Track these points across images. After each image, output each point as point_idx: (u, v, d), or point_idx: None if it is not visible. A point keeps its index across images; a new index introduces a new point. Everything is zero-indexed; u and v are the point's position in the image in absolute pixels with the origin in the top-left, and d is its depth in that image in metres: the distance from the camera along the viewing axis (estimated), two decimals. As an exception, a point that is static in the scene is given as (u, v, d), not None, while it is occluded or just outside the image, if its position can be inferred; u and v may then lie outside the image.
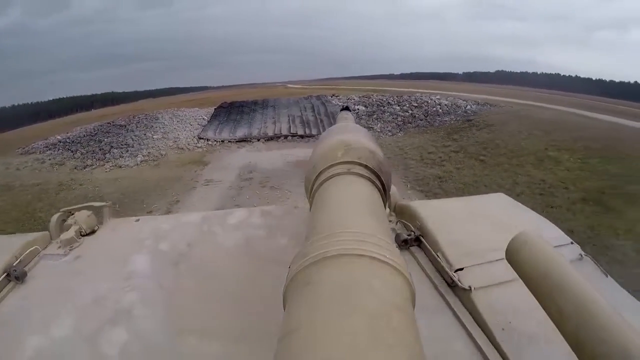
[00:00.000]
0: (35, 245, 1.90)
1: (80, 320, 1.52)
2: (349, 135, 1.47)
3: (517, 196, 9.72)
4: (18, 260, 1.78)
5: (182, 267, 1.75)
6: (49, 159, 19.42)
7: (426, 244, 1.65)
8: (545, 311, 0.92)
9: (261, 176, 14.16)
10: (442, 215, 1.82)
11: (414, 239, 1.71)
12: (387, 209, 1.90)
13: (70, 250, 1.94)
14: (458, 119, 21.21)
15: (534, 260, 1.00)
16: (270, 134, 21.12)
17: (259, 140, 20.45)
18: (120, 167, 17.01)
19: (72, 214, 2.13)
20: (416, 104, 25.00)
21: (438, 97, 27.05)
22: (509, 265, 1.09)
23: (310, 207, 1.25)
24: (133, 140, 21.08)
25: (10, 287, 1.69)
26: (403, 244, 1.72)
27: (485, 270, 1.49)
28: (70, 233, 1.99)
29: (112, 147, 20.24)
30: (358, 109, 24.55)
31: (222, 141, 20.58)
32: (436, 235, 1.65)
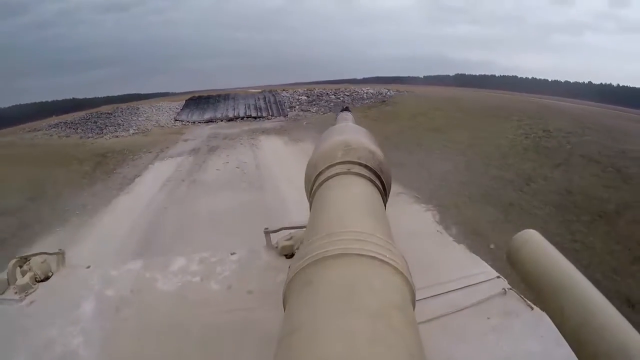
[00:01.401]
0: None
1: None
2: (349, 135, 1.54)
3: (387, 138, 15.01)
4: None
5: (125, 312, 1.78)
6: (56, 134, 24.22)
7: None
8: (546, 311, 0.93)
9: (222, 136, 19.97)
10: None
11: None
12: None
13: (25, 296, 1.97)
14: (375, 101, 27.49)
15: (534, 259, 1.01)
16: (231, 116, 27.32)
17: (222, 120, 26.53)
18: (117, 137, 22.19)
19: (28, 260, 2.16)
20: (348, 94, 31.35)
21: (367, 88, 33.46)
22: (510, 264, 1.10)
23: (310, 207, 1.25)
24: (122, 121, 26.71)
25: None
26: None
27: (437, 302, 1.59)
28: (26, 279, 2.02)
29: (106, 126, 25.66)
30: (300, 99, 30.90)
31: (193, 122, 26.69)
32: None
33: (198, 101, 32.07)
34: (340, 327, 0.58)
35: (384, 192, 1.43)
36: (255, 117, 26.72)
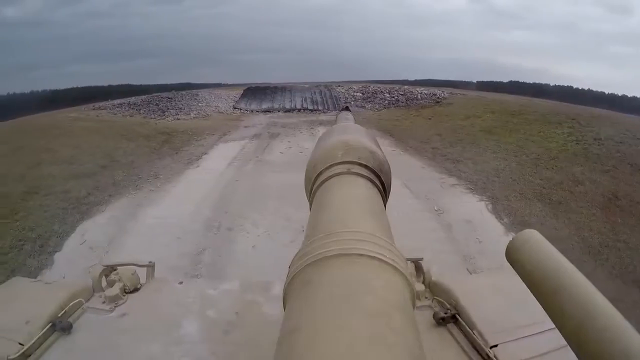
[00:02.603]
0: (79, 298, 1.90)
1: None
2: (349, 135, 1.52)
3: (440, 135, 15.71)
4: (63, 311, 1.77)
5: (234, 336, 1.73)
6: (120, 113, 24.96)
7: (462, 321, 1.57)
8: (546, 311, 0.90)
9: (281, 124, 20.39)
10: (474, 292, 1.79)
11: (450, 317, 1.62)
12: (422, 286, 1.86)
13: (115, 306, 1.95)
14: (429, 101, 27.08)
15: (534, 259, 0.98)
16: (288, 107, 27.68)
17: (279, 111, 26.92)
18: (179, 119, 22.77)
19: (115, 269, 2.15)
20: (402, 93, 31.01)
21: (421, 89, 33.06)
22: (510, 265, 1.09)
23: (310, 207, 1.26)
24: (183, 106, 27.34)
25: (54, 338, 1.68)
26: (441, 321, 1.64)
27: (519, 345, 1.46)
28: (115, 290, 1.99)
29: (167, 108, 26.32)
30: (355, 95, 30.85)
31: (251, 110, 27.16)
32: (470, 312, 1.60)
33: (255, 91, 32.36)
34: (340, 327, 0.58)
35: (384, 192, 1.41)
36: (311, 110, 27.05)
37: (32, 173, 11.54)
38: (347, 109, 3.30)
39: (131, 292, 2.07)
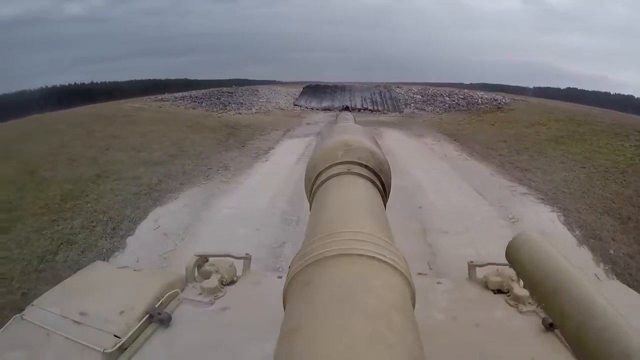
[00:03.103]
0: (175, 288, 1.89)
1: None
2: (349, 135, 1.53)
3: (506, 142, 15.16)
4: (160, 301, 1.75)
5: None
6: (182, 105, 25.37)
7: None
8: (546, 311, 0.92)
9: None
10: None
11: None
12: (526, 291, 1.84)
13: (215, 299, 1.91)
14: (490, 107, 26.32)
15: (534, 260, 1.00)
16: (348, 106, 27.33)
17: (339, 110, 26.62)
18: (240, 114, 22.97)
19: (207, 260, 2.15)
20: (462, 97, 30.32)
21: (481, 93, 32.15)
22: (510, 265, 1.11)
23: (310, 207, 1.27)
24: (244, 100, 27.65)
25: (151, 330, 1.64)
26: (549, 326, 1.64)
27: None
28: (214, 281, 1.97)
29: (229, 103, 26.62)
30: (415, 97, 30.46)
31: (311, 108, 27.23)
32: None
33: (315, 89, 32.41)
34: (340, 327, 0.57)
35: (384, 192, 1.42)
36: (371, 110, 26.95)
37: (102, 157, 11.91)
38: (347, 109, 3.32)
39: (227, 284, 2.07)
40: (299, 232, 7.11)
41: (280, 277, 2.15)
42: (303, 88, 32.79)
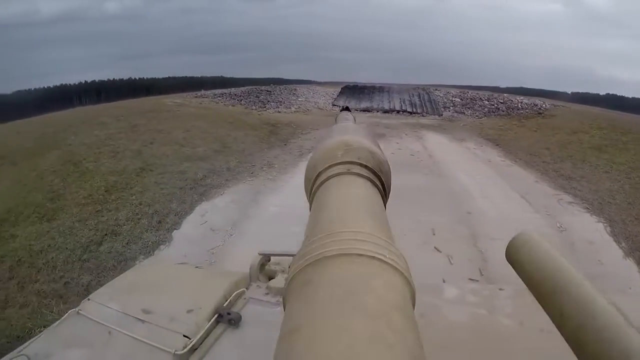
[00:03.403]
0: (241, 287, 1.87)
1: None
2: (349, 135, 1.46)
3: (548, 149, 14.68)
4: (228, 300, 1.76)
5: (423, 338, 1.46)
6: (221, 102, 25.64)
7: None
8: (546, 311, 0.90)
9: (384, 125, 20.02)
10: None
11: None
12: None
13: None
14: (531, 112, 25.69)
15: (534, 260, 0.98)
16: (386, 108, 27.21)
17: (377, 111, 26.52)
18: (280, 112, 23.00)
19: (269, 259, 2.13)
20: (502, 101, 29.65)
21: (521, 98, 31.53)
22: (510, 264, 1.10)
23: (310, 208, 1.22)
24: (282, 99, 27.67)
25: (221, 330, 1.64)
26: None
27: None
28: (281, 281, 1.95)
29: (268, 101, 26.70)
30: (454, 100, 30.00)
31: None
32: None
33: (353, 90, 32.32)
34: (339, 326, 0.56)
35: (384, 193, 1.33)
36: (410, 112, 26.52)
37: (146, 150, 12.03)
38: (347, 109, 3.14)
39: None
40: None
41: None
42: (341, 88, 32.73)
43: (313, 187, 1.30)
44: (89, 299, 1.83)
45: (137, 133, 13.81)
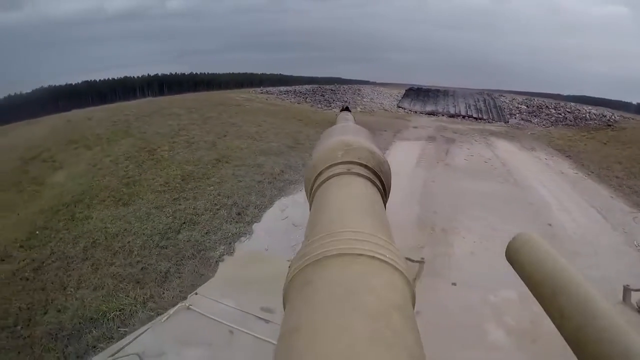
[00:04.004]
0: None
1: None
2: (350, 136, 1.53)
3: (621, 164, 13.71)
4: None
5: (540, 346, 1.68)
6: (287, 99, 25.87)
7: None
8: (546, 311, 0.92)
9: (452, 130, 19.60)
10: None
11: None
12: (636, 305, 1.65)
13: None
14: (600, 123, 24.58)
15: (534, 260, 1.01)
16: (452, 112, 26.78)
17: (442, 115, 26.16)
18: None
19: None
20: (569, 111, 28.47)
21: (589, 107, 30.16)
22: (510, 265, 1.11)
23: (310, 207, 1.26)
24: (347, 98, 27.58)
25: None
26: None
27: None
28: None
29: (333, 100, 26.75)
30: (520, 108, 29.19)
31: (415, 112, 26.67)
32: None
33: (418, 92, 31.87)
34: (339, 326, 0.56)
35: (384, 192, 1.39)
36: (475, 118, 26.05)
37: (220, 143, 12.26)
38: (347, 109, 3.42)
39: None
40: (436, 238, 6.90)
41: (454, 284, 2.20)
42: (405, 90, 32.39)
43: (313, 186, 1.35)
44: (196, 294, 1.93)
45: (209, 125, 14.05)
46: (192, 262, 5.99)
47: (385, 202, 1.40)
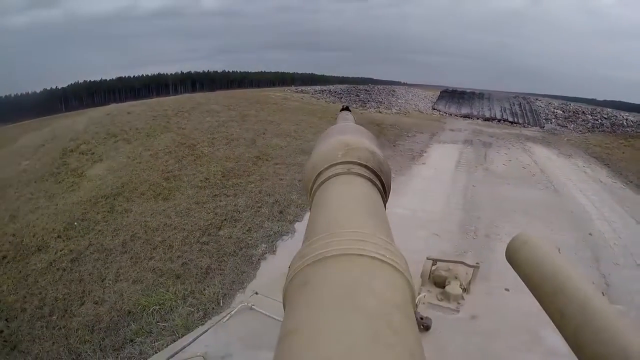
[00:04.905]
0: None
1: None
2: (350, 135, 1.41)
3: None
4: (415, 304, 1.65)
5: None
6: (322, 99, 26.01)
7: None
8: (546, 312, 0.92)
9: (488, 134, 19.40)
10: None
11: None
12: None
13: (458, 305, 1.95)
14: (638, 131, 24.16)
15: (534, 260, 1.01)
16: (487, 115, 26.64)
17: (477, 118, 25.98)
18: (381, 112, 22.99)
19: (435, 263, 2.15)
20: (606, 117, 27.97)
21: (626, 114, 29.51)
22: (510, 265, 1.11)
23: (310, 207, 1.16)
24: (382, 99, 27.75)
25: None
26: None
27: None
28: (456, 288, 2.00)
29: (368, 100, 26.89)
30: (556, 112, 28.66)
31: (450, 114, 26.59)
32: None
33: (453, 94, 31.78)
34: (339, 327, 0.55)
35: (384, 193, 1.24)
36: (511, 122, 25.99)
37: (260, 140, 12.34)
38: (347, 109, 2.68)
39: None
40: (479, 243, 6.88)
41: (507, 290, 2.20)
42: (440, 92, 32.29)
43: (313, 186, 1.25)
44: (257, 293, 1.89)
45: (248, 122, 14.15)
46: (234, 259, 6.02)
47: (385, 202, 1.29)
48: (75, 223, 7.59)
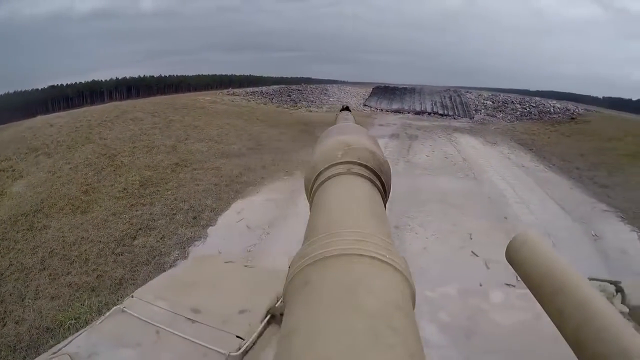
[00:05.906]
0: None
1: None
2: (349, 135, 1.41)
3: (583, 156, 14.44)
4: (279, 301, 1.75)
5: (475, 341, 1.70)
6: (253, 100, 25.82)
7: None
8: (545, 311, 0.93)
9: (416, 127, 19.89)
10: None
11: None
12: (626, 308, 1.61)
13: None
14: (564, 117, 25.26)
15: (534, 260, 1.02)
16: (418, 109, 27.21)
17: (408, 112, 26.45)
18: (311, 111, 23.08)
19: None
20: (534, 105, 29.22)
21: (554, 102, 30.93)
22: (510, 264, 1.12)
23: (310, 207, 1.17)
24: (314, 98, 27.89)
25: (273, 331, 1.65)
26: None
27: None
28: None
29: (299, 100, 26.99)
30: (486, 103, 29.67)
31: (381, 109, 26.96)
32: None
33: (385, 91, 32.24)
34: (339, 327, 0.55)
35: (384, 193, 1.24)
36: (441, 115, 26.56)
37: (181, 146, 12.10)
38: (346, 108, 2.93)
39: None
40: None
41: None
42: (372, 89, 32.69)
43: (313, 187, 1.27)
44: (132, 297, 1.80)
45: (171, 129, 13.93)
46: (147, 268, 5.97)
47: (385, 203, 1.30)
48: (-4, 244, 7.33)
